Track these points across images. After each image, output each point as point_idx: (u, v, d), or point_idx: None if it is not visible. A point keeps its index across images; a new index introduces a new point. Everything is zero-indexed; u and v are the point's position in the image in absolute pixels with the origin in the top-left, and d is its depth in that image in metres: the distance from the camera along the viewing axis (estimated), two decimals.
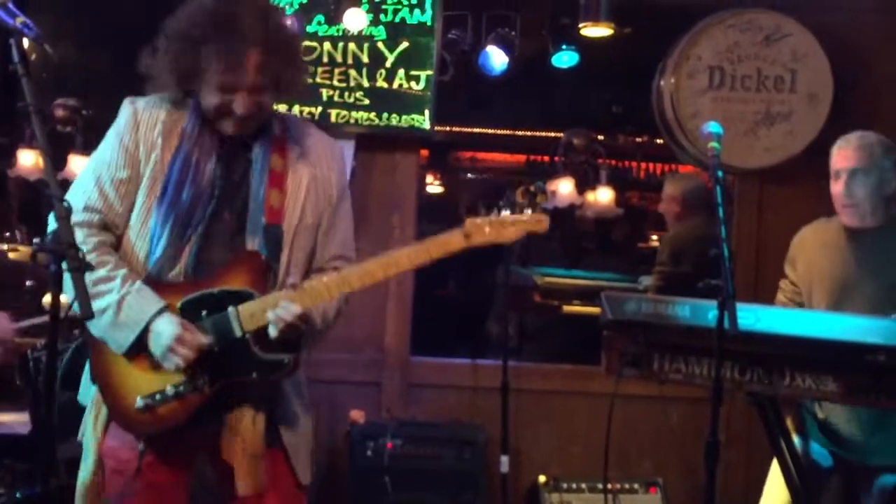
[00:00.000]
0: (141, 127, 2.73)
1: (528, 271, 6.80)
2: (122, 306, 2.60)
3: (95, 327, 2.64)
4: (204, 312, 2.63)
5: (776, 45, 4.66)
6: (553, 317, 6.70)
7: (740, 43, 4.67)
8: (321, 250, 2.83)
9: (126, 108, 2.77)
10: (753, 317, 2.87)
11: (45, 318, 2.77)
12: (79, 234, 2.61)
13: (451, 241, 2.74)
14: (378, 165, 4.73)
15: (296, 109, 4.47)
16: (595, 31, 5.89)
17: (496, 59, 5.47)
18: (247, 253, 2.69)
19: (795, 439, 3.34)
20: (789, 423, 3.42)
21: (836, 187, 3.44)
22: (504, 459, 4.40)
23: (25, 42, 2.32)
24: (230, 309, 2.62)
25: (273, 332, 2.60)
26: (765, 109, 4.67)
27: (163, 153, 2.71)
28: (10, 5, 2.33)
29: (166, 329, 2.58)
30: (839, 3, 4.77)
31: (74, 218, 2.62)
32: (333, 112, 4.53)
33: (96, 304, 2.57)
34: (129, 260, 2.71)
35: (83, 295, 2.14)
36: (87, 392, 2.77)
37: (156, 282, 2.66)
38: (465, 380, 4.81)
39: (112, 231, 2.72)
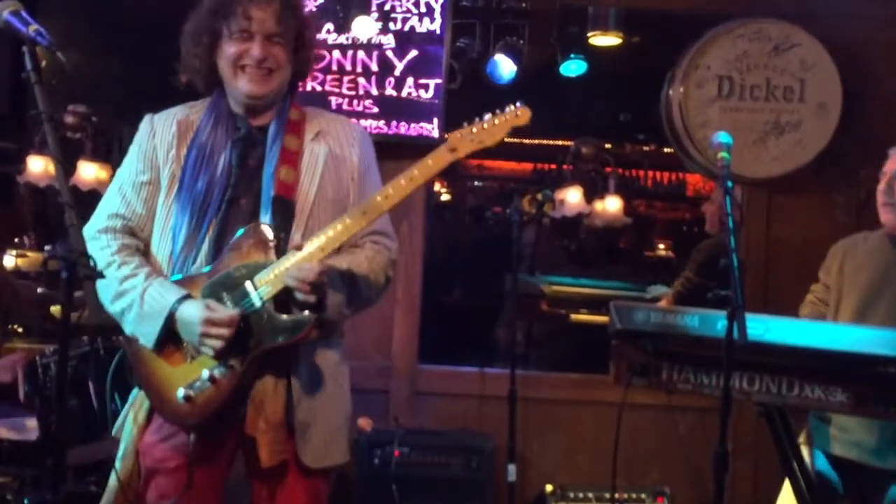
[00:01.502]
0: (158, 133, 2.80)
1: (536, 279, 6.81)
2: (144, 298, 2.65)
3: (127, 324, 2.69)
4: (224, 294, 2.65)
5: (785, 55, 4.66)
6: (560, 325, 6.71)
7: (749, 52, 4.67)
8: None
9: (144, 121, 2.85)
10: (763, 327, 2.86)
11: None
12: (103, 239, 2.73)
13: (439, 160, 2.74)
14: (386, 173, 4.69)
15: None
16: (604, 39, 5.91)
17: (504, 67, 5.48)
18: (250, 226, 2.70)
19: (805, 450, 3.33)
20: (802, 437, 3.42)
21: (880, 186, 3.44)
22: (511, 468, 4.39)
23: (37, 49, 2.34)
24: (247, 283, 2.65)
25: (299, 296, 2.60)
26: (774, 119, 4.66)
27: (178, 150, 2.77)
28: (24, 13, 2.34)
29: (193, 314, 2.61)
30: (848, 12, 4.76)
31: (99, 225, 2.74)
32: None
33: (124, 301, 2.67)
34: (155, 262, 2.75)
35: (95, 302, 2.15)
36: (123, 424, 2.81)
37: (181, 277, 2.71)
38: (473, 388, 4.81)
39: (137, 235, 2.78)
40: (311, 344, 2.73)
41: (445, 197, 10.48)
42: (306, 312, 2.63)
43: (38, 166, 5.69)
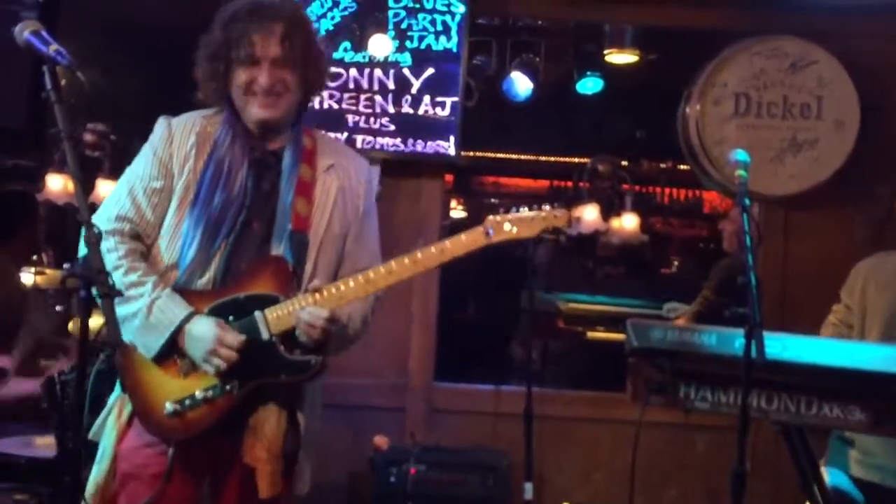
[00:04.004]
0: (175, 140, 2.80)
1: (552, 297, 6.80)
2: (152, 309, 2.65)
3: (127, 331, 2.66)
4: (231, 318, 2.67)
5: (802, 72, 4.65)
6: (576, 343, 6.69)
7: (766, 70, 4.66)
8: (350, 261, 2.86)
9: (161, 124, 2.85)
10: (780, 345, 2.84)
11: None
12: (110, 242, 2.72)
13: (472, 240, 2.79)
14: (403, 191, 4.74)
15: None
16: (620, 57, 5.93)
17: (520, 84, 5.50)
18: (272, 258, 2.73)
19: (825, 470, 3.31)
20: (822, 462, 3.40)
21: None
22: (528, 486, 4.37)
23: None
24: (257, 313, 2.67)
25: (301, 336, 2.65)
26: (791, 136, 4.65)
27: (196, 163, 2.77)
28: (44, 33, 2.36)
29: (207, 331, 2.62)
30: (865, 30, 4.75)
31: (106, 227, 2.72)
32: (359, 138, 4.56)
33: (128, 308, 2.66)
34: (159, 269, 2.75)
35: (112, 321, 2.16)
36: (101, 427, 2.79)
37: (183, 289, 2.70)
38: (489, 405, 4.80)
39: (143, 240, 2.78)
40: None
41: (461, 214, 10.48)
42: (313, 356, 2.68)
43: (57, 184, 5.72)
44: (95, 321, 2.22)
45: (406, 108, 4.58)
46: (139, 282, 2.68)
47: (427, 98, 4.59)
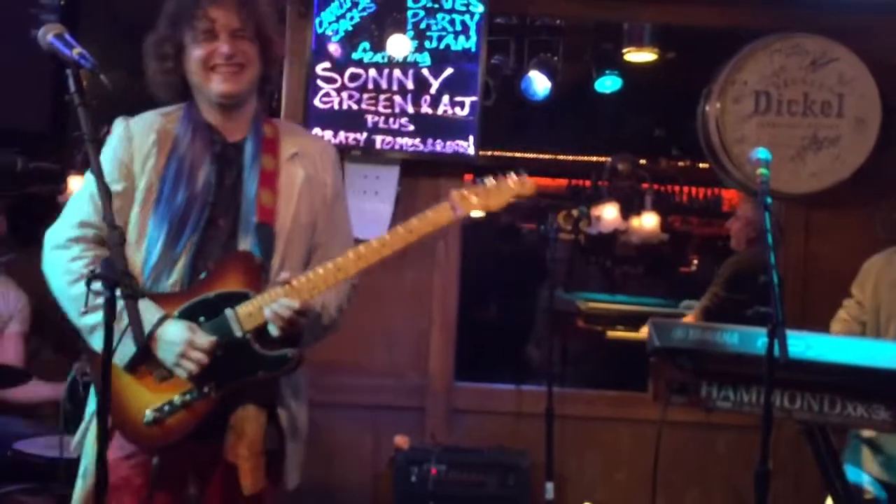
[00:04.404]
0: (135, 140, 2.74)
1: (571, 296, 6.79)
2: (122, 316, 2.55)
3: (97, 340, 2.59)
4: (202, 318, 2.62)
5: (823, 70, 4.63)
6: (596, 342, 6.68)
7: (786, 67, 4.64)
8: (322, 251, 2.81)
9: (118, 125, 2.80)
10: (803, 344, 2.84)
11: None
12: (75, 249, 2.67)
13: (439, 216, 2.74)
14: (422, 191, 4.73)
15: (341, 135, 4.52)
16: (639, 56, 5.92)
17: (539, 84, 5.50)
18: (238, 253, 2.68)
19: (848, 469, 3.30)
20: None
21: None
22: (549, 486, 4.38)
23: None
24: (227, 311, 2.61)
25: (273, 330, 2.60)
26: (812, 134, 4.63)
27: (157, 162, 2.72)
28: (67, 36, 2.37)
29: (176, 335, 2.57)
30: (886, 27, 4.72)
31: (68, 234, 2.69)
32: (378, 138, 4.56)
33: (97, 316, 2.54)
34: None
35: (137, 322, 2.16)
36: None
37: (151, 293, 2.64)
38: (509, 405, 4.79)
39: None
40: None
41: (479, 214, 10.47)
42: (289, 349, 2.64)
43: (79, 186, 5.74)
44: None
45: (425, 108, 4.58)
46: None
47: (446, 98, 4.59)
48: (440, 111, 4.59)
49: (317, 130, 4.52)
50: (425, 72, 4.59)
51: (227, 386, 2.62)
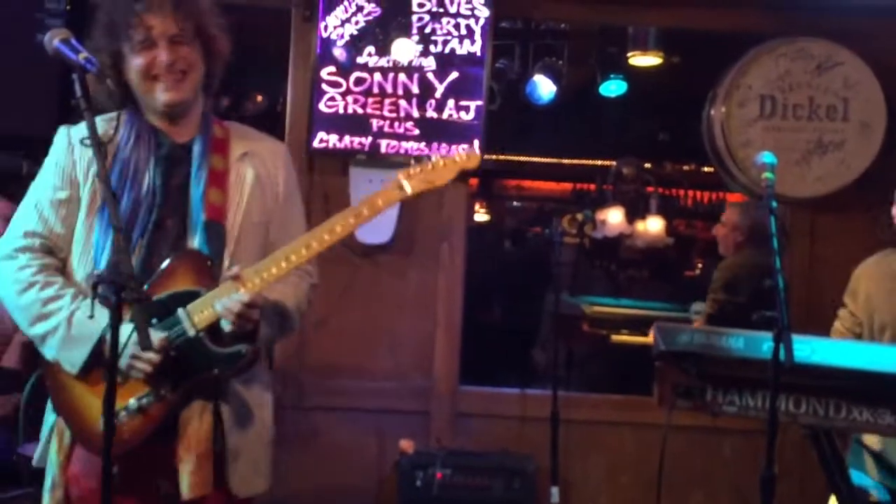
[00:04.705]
0: (76, 147, 2.67)
1: (577, 300, 6.79)
2: (72, 322, 2.55)
3: (49, 349, 2.59)
4: (154, 320, 2.57)
5: (828, 74, 4.63)
6: (601, 346, 6.68)
7: (791, 71, 4.64)
8: (277, 250, 2.73)
9: (60, 133, 2.74)
10: (809, 348, 2.83)
11: None
12: (22, 259, 2.62)
13: (386, 197, 2.70)
14: (426, 195, 4.71)
15: (346, 140, 4.52)
16: (644, 60, 5.92)
17: (543, 88, 5.50)
18: (187, 252, 2.64)
19: (853, 473, 3.29)
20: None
21: None
22: (554, 490, 4.37)
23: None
24: (179, 311, 2.57)
25: (226, 325, 2.56)
26: (817, 138, 4.63)
27: (100, 167, 2.64)
28: (73, 41, 2.37)
29: (124, 337, 2.46)
30: (890, 30, 4.72)
31: (15, 244, 2.64)
32: (383, 142, 4.56)
33: (47, 324, 2.57)
34: (75, 282, 2.64)
35: (143, 327, 2.16)
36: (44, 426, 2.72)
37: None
38: (514, 409, 4.79)
39: (56, 255, 2.67)
40: None
41: (484, 218, 10.49)
42: (243, 345, 2.59)
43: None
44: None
45: (430, 112, 4.58)
46: (56, 296, 2.59)
47: (451, 102, 4.59)
48: (445, 115, 4.59)
49: (322, 134, 4.53)
50: (430, 76, 4.59)
51: (181, 386, 2.58)
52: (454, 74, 4.60)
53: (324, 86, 4.56)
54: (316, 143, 4.55)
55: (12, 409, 4.56)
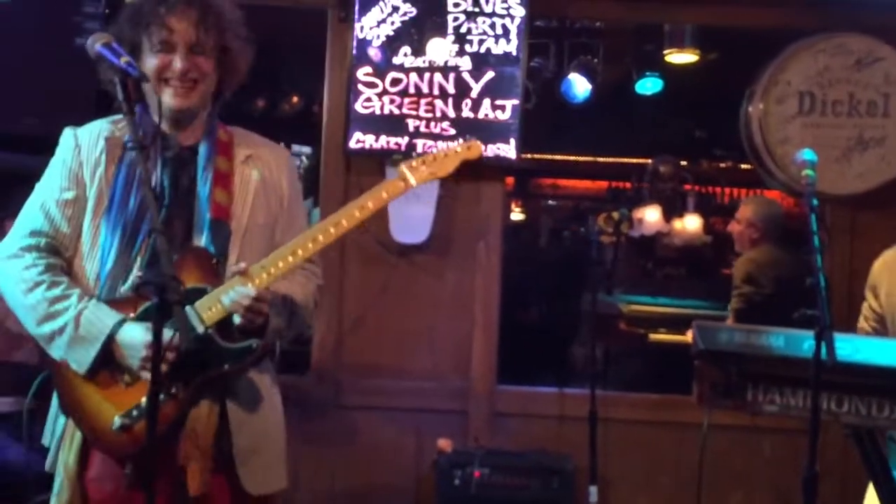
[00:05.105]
0: (83, 148, 2.70)
1: (614, 299, 6.77)
2: (79, 321, 2.56)
3: (56, 349, 2.59)
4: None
5: (868, 70, 4.58)
6: (638, 345, 6.66)
7: (831, 67, 4.60)
8: None
9: (67, 134, 2.76)
10: (851, 347, 2.81)
11: None
12: (28, 258, 2.63)
13: (393, 192, 2.72)
14: (463, 194, 4.74)
15: (383, 140, 4.53)
16: (680, 57, 5.90)
17: (579, 86, 5.51)
18: (193, 249, 2.65)
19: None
20: None
21: None
22: (592, 490, 4.36)
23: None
24: (188, 308, 2.55)
25: (237, 320, 2.57)
26: (857, 135, 4.58)
27: (107, 169, 2.68)
28: (115, 45, 2.40)
29: (137, 337, 2.52)
30: None
31: (21, 243, 2.65)
32: (419, 142, 4.57)
33: (54, 323, 2.58)
34: (81, 282, 2.66)
35: (184, 328, 2.18)
36: (52, 430, 2.72)
37: (109, 299, 2.61)
38: (552, 408, 4.78)
39: (61, 254, 2.68)
40: None
41: (520, 217, 10.48)
42: (253, 339, 2.60)
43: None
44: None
45: (466, 112, 4.59)
46: (63, 295, 2.60)
47: (487, 101, 4.59)
48: (481, 115, 4.59)
49: (358, 135, 4.55)
50: (466, 76, 4.59)
51: (193, 383, 2.58)
52: (490, 74, 4.60)
53: (360, 86, 4.57)
54: (352, 144, 4.57)
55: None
